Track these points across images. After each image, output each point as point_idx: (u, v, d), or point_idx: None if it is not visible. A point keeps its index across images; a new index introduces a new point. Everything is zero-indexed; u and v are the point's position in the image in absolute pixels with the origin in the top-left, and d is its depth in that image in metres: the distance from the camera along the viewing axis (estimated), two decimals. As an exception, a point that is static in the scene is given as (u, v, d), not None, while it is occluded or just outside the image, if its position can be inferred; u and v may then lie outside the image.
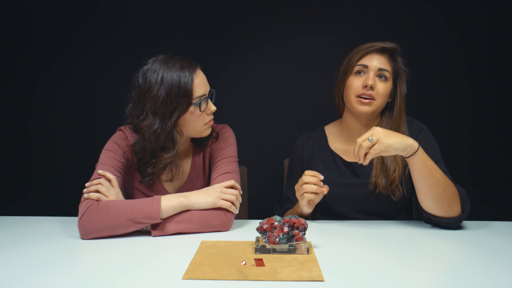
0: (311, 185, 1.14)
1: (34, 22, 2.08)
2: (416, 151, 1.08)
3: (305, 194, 1.15)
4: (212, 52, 2.05)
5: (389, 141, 1.05)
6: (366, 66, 1.25)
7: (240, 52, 2.07)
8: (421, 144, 1.25)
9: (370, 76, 1.23)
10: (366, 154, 1.07)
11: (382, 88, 1.24)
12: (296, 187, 1.19)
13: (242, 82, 2.09)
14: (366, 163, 1.08)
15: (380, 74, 1.25)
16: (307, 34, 2.04)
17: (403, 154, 1.09)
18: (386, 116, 1.32)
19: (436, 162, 1.22)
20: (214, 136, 1.29)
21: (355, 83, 1.25)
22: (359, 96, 1.25)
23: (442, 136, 1.51)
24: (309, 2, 2.03)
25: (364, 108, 1.24)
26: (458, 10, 1.99)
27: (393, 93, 1.29)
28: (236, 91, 2.07)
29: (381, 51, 1.25)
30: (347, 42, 1.33)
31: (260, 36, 2.06)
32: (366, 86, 1.22)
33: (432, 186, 1.10)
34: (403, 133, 1.27)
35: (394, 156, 1.25)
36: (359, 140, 1.07)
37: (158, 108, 1.12)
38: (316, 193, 1.15)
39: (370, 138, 1.06)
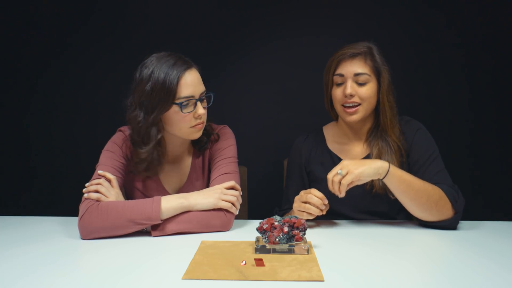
0: (312, 207, 1.12)
1: (34, 22, 2.08)
2: (388, 171, 1.10)
3: (304, 213, 1.14)
4: (212, 53, 2.05)
5: (358, 170, 1.08)
6: (342, 75, 1.25)
7: (240, 52, 2.07)
8: (418, 143, 1.26)
9: (348, 85, 1.23)
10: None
11: (364, 92, 1.23)
12: (296, 199, 1.18)
13: (242, 82, 2.09)
14: (342, 195, 1.10)
15: (358, 79, 1.24)
16: (307, 34, 2.04)
17: (378, 177, 1.11)
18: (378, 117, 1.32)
19: (433, 161, 1.23)
20: (214, 137, 1.29)
21: (337, 94, 1.27)
22: (344, 105, 1.26)
23: (441, 136, 1.51)
24: (309, 3, 2.03)
25: (352, 118, 1.25)
26: (458, 10, 1.99)
27: (379, 92, 1.28)
28: (236, 92, 2.07)
29: (354, 55, 1.25)
30: (347, 42, 1.33)
31: (260, 37, 2.06)
32: (346, 96, 1.23)
33: (414, 198, 1.11)
34: (395, 131, 1.27)
35: (390, 157, 1.25)
36: (330, 176, 1.11)
37: (143, 101, 1.13)
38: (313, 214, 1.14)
39: (339, 171, 1.09)
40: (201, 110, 1.16)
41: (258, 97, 2.09)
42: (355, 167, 1.08)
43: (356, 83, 1.24)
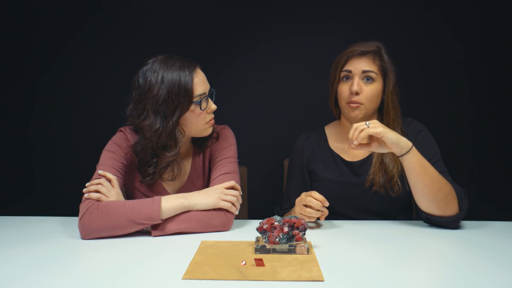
0: (314, 211, 1.12)
1: (34, 22, 2.08)
2: (410, 149, 1.10)
3: (305, 217, 1.14)
4: (212, 52, 2.05)
5: (385, 129, 1.08)
6: (350, 71, 1.26)
7: (240, 52, 2.07)
8: (421, 144, 1.26)
9: (355, 82, 1.24)
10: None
11: (369, 91, 1.25)
12: (297, 202, 1.17)
13: (242, 82, 2.09)
14: (355, 143, 1.10)
15: (365, 76, 1.25)
16: (307, 34, 2.04)
17: (397, 151, 1.11)
18: (381, 116, 1.32)
19: (436, 162, 1.23)
20: (214, 136, 1.30)
21: (343, 90, 1.27)
22: (348, 103, 1.26)
23: (442, 136, 1.51)
24: (309, 3, 2.03)
25: (355, 113, 1.26)
26: (458, 10, 1.99)
27: (383, 92, 1.29)
28: (236, 91, 2.07)
29: (364, 53, 1.26)
30: (347, 42, 1.33)
31: (260, 36, 2.06)
32: (352, 93, 1.24)
33: (427, 184, 1.11)
34: (397, 132, 1.27)
35: (392, 154, 1.26)
36: (355, 124, 1.11)
37: (159, 107, 1.12)
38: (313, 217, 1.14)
39: (367, 123, 1.10)
40: (213, 105, 1.21)
41: (258, 97, 2.09)
42: (382, 126, 1.09)
43: (362, 81, 1.24)
